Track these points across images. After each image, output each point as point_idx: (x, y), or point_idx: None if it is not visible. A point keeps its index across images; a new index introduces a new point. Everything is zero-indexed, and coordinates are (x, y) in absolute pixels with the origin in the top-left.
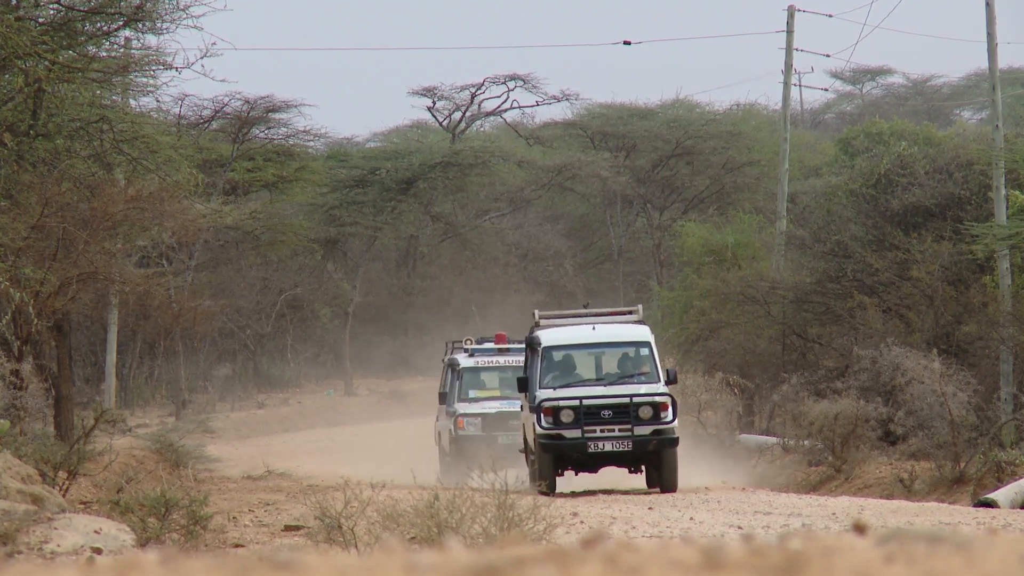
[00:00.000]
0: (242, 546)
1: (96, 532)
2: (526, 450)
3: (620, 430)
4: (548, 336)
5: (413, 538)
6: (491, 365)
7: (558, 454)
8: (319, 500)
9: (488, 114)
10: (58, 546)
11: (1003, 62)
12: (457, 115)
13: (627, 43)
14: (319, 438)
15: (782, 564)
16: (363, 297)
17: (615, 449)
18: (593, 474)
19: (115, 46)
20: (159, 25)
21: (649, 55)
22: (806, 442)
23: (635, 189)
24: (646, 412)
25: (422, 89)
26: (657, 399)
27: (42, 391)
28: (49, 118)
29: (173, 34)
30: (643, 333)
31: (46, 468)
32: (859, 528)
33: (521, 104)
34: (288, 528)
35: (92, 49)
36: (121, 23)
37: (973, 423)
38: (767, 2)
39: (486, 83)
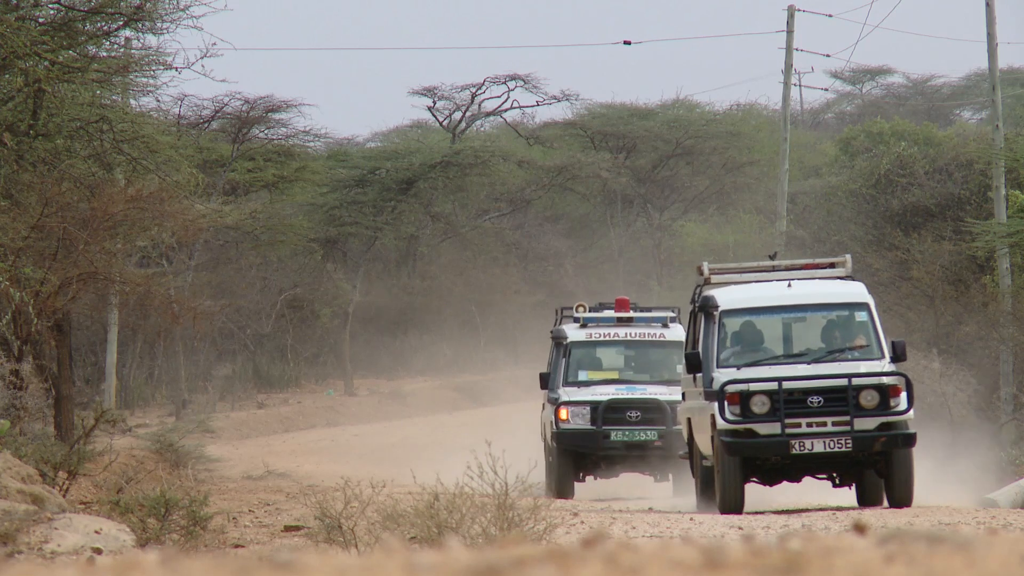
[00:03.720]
0: (242, 546)
1: (96, 532)
2: (691, 454)
3: (835, 423)
4: (727, 297)
5: (413, 538)
6: (609, 339)
7: (749, 456)
8: (319, 500)
9: (488, 114)
10: (58, 546)
11: (1003, 62)
12: (457, 115)
13: (627, 43)
14: (319, 438)
15: (782, 564)
16: (363, 297)
17: (829, 450)
18: (780, 484)
19: (115, 46)
20: (159, 25)
21: (649, 55)
22: None
23: (635, 189)
24: (870, 399)
25: (422, 89)
26: (886, 381)
27: (42, 391)
28: (49, 118)
29: (173, 34)
30: (858, 292)
31: (46, 468)
32: (859, 528)
33: (521, 104)
34: (288, 528)
35: (92, 49)
36: (121, 23)
37: (973, 423)
38: (767, 2)
39: (486, 83)
